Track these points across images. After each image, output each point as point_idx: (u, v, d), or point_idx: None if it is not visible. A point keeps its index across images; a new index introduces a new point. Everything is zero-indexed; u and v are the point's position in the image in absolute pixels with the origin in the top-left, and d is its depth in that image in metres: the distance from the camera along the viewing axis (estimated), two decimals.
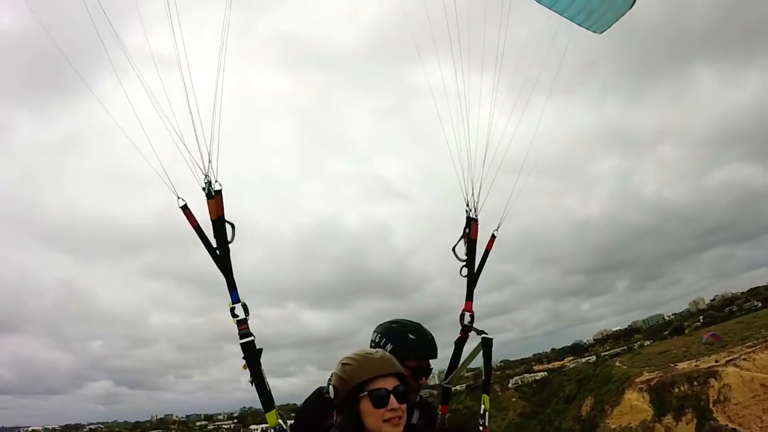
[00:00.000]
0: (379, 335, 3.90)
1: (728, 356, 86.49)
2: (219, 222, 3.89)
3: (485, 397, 4.35)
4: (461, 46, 5.12)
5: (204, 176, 3.94)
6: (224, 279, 3.88)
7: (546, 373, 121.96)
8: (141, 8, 4.08)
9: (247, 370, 3.74)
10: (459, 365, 4.59)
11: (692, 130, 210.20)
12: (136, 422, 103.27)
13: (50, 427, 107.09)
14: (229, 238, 3.95)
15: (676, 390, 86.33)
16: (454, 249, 4.82)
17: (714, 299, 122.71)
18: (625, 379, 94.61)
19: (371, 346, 3.87)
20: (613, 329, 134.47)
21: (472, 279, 4.77)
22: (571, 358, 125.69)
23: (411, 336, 3.84)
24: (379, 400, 2.77)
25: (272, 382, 3.79)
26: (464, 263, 4.78)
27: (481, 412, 4.30)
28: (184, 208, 3.93)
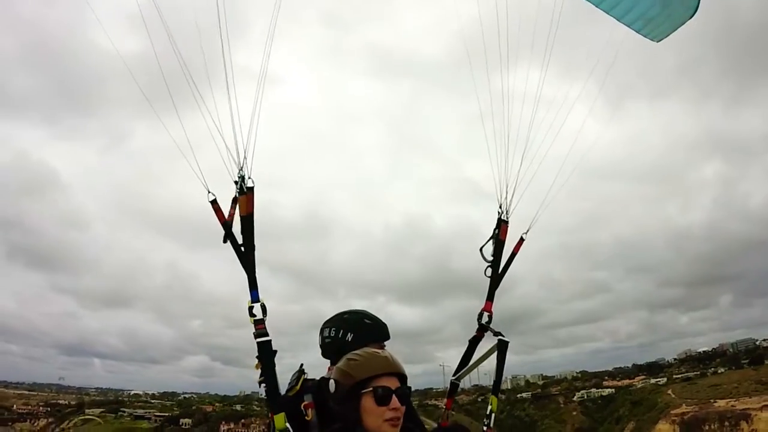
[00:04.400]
0: (335, 329, 3.82)
1: None
2: (248, 219, 3.86)
3: (493, 399, 4.35)
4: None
5: (238, 171, 3.91)
6: (247, 276, 3.83)
7: (613, 390, 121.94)
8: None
9: (259, 369, 3.66)
10: (470, 364, 4.56)
11: None
12: (225, 396, 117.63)
13: (150, 392, 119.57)
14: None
15: (707, 427, 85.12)
16: (481, 249, 4.78)
17: None
18: (663, 409, 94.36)
19: (326, 342, 3.83)
20: (699, 350, 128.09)
21: (495, 280, 4.73)
22: (642, 377, 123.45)
23: (367, 321, 3.86)
24: (382, 398, 2.77)
25: None
26: (489, 264, 4.76)
27: (487, 412, 4.31)
28: (213, 203, 3.92)
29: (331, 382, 2.93)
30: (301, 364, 3.34)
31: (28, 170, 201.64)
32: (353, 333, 3.75)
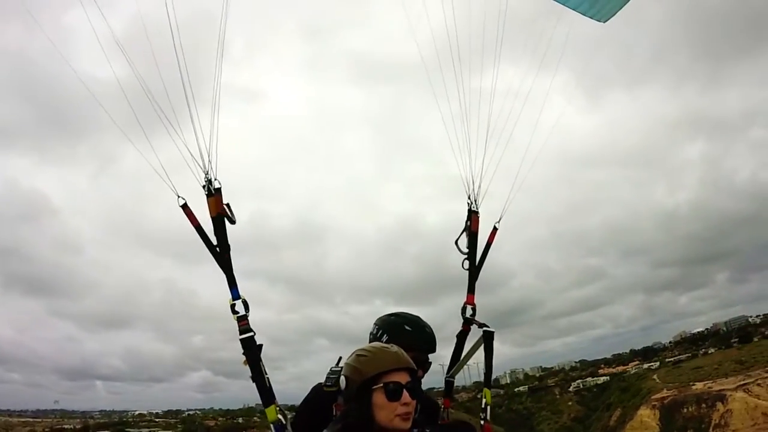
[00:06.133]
0: (377, 327, 3.99)
1: (744, 380, 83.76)
2: (218, 220, 3.96)
3: (486, 392, 4.31)
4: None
5: (204, 174, 4.00)
6: (225, 276, 3.92)
7: (608, 377, 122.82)
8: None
9: (247, 366, 3.71)
10: (461, 359, 4.59)
11: None
12: (228, 410, 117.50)
13: (154, 411, 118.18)
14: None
15: (685, 410, 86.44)
16: (456, 242, 4.82)
17: None
18: (646, 394, 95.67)
19: (369, 339, 3.94)
20: (693, 331, 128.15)
21: (474, 272, 4.75)
22: (636, 362, 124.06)
23: (407, 327, 3.95)
24: (393, 393, 2.80)
25: None
26: (465, 256, 4.78)
27: (482, 406, 4.27)
28: (184, 207, 4.01)
29: (342, 378, 2.95)
30: (339, 358, 3.24)
31: (19, 197, 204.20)
32: (389, 335, 3.86)
